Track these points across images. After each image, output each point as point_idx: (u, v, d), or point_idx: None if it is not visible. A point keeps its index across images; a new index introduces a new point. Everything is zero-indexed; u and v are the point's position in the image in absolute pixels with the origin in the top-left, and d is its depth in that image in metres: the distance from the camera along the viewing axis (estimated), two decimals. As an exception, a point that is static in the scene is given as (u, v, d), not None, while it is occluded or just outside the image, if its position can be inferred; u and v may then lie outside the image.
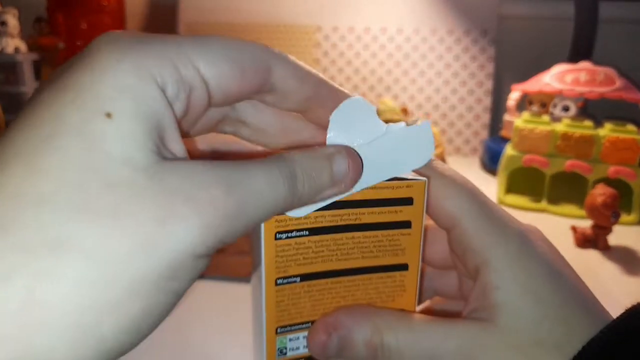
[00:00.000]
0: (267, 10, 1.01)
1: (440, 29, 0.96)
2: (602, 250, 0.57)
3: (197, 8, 1.04)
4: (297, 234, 0.19)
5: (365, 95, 0.99)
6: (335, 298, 0.21)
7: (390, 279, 0.21)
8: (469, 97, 0.95)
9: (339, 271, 0.21)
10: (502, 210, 0.20)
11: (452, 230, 0.20)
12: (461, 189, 0.20)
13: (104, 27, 0.93)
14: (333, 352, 0.19)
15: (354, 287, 0.21)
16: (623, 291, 0.48)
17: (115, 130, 0.13)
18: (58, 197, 0.12)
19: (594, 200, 0.55)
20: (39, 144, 0.13)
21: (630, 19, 0.95)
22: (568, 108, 0.77)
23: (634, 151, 0.64)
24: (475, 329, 0.18)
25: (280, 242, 0.19)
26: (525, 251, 0.19)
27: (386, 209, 0.20)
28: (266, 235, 0.19)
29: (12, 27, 0.92)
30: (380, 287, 0.21)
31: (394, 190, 0.20)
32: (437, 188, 0.20)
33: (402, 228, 0.20)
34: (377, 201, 0.20)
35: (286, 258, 0.19)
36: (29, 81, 0.93)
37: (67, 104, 0.13)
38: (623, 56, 0.95)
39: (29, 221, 0.12)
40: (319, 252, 0.20)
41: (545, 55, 0.95)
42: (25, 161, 0.12)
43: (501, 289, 0.18)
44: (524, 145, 0.68)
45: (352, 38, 0.99)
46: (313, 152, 0.17)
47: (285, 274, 0.20)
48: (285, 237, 0.19)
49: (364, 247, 0.20)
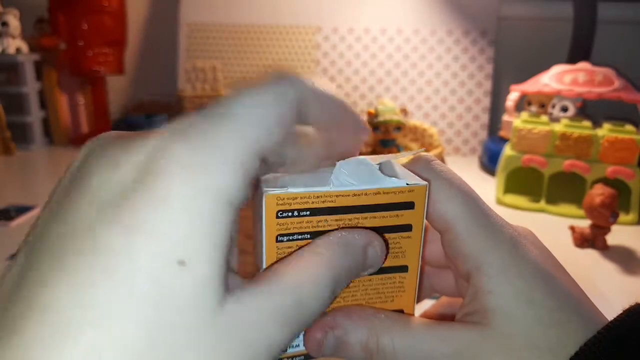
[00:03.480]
0: (267, 11, 1.02)
1: (440, 29, 0.96)
2: (601, 250, 0.57)
3: (197, 8, 1.04)
4: (299, 237, 0.19)
5: (364, 95, 0.99)
6: (335, 299, 0.21)
7: (390, 280, 0.21)
8: (468, 98, 0.96)
9: None
10: (495, 215, 0.20)
11: (444, 233, 0.20)
12: (456, 192, 0.20)
13: (105, 28, 0.94)
14: (328, 350, 0.19)
15: (354, 288, 0.21)
16: (621, 291, 0.48)
17: (186, 279, 0.13)
18: (135, 348, 0.12)
19: (593, 200, 0.55)
20: (115, 290, 0.12)
21: (629, 19, 0.95)
22: (567, 108, 0.77)
23: (633, 151, 0.65)
24: (471, 333, 0.18)
25: (281, 245, 0.19)
26: (517, 256, 0.19)
27: (387, 214, 0.20)
28: (267, 237, 0.19)
29: (13, 28, 0.92)
30: (380, 288, 0.21)
31: (396, 195, 0.20)
32: (433, 191, 0.20)
33: (403, 231, 0.21)
34: (378, 206, 0.20)
35: None
36: (31, 81, 0.93)
37: (141, 249, 0.12)
38: (621, 57, 0.95)
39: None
40: None
41: (544, 55, 0.95)
42: (93, 330, 0.12)
43: (494, 294, 0.18)
44: (522, 145, 0.69)
45: (352, 39, 0.99)
46: (350, 246, 0.18)
47: None
48: (286, 240, 0.19)
49: None
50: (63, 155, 0.93)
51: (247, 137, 0.14)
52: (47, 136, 0.99)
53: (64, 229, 0.13)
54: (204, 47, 1.04)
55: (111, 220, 0.13)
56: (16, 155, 0.90)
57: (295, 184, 0.18)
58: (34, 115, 0.94)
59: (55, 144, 0.98)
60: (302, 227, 0.19)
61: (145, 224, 0.12)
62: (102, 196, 0.13)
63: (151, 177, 0.13)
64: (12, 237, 0.55)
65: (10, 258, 0.52)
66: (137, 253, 0.12)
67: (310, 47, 1.00)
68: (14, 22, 0.93)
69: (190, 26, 1.05)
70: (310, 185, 0.19)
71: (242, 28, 1.03)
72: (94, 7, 0.92)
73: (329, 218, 0.19)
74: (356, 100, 0.99)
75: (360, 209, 0.20)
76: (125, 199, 0.13)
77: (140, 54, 1.16)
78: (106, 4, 0.92)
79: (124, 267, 0.12)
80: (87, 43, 0.93)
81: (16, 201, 0.66)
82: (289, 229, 0.19)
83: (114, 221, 0.13)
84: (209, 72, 0.92)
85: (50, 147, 0.98)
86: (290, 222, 0.19)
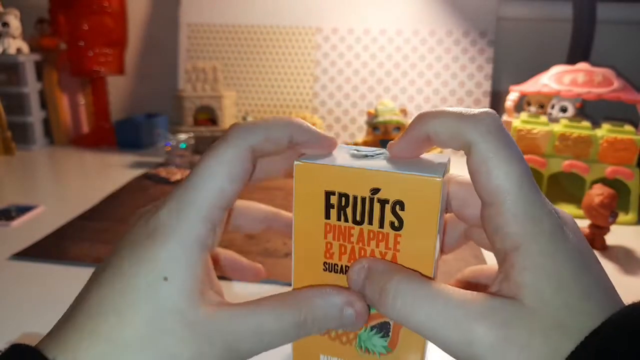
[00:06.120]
0: (267, 12, 1.02)
1: (439, 30, 0.96)
2: (600, 250, 0.57)
3: (197, 9, 1.04)
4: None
5: (364, 96, 0.99)
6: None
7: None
8: (467, 98, 0.96)
9: None
10: (542, 198, 0.20)
11: (488, 207, 0.20)
12: (514, 168, 0.20)
13: (105, 28, 0.94)
14: (360, 277, 0.22)
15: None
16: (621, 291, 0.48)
17: (170, 289, 0.20)
18: (134, 342, 0.19)
19: (592, 200, 0.55)
20: (125, 304, 0.20)
21: (628, 20, 0.95)
22: (566, 109, 0.77)
23: (632, 151, 0.65)
24: (502, 302, 0.19)
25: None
26: (557, 243, 0.19)
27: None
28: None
29: (14, 28, 0.93)
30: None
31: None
32: (491, 159, 0.20)
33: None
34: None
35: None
36: (31, 82, 0.94)
37: (141, 275, 0.20)
38: (621, 57, 0.95)
39: (114, 358, 0.19)
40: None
41: (544, 56, 0.95)
42: (119, 315, 0.19)
43: (529, 271, 0.19)
44: (522, 145, 0.69)
45: (352, 39, 0.99)
46: (325, 301, 0.21)
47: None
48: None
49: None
50: (64, 155, 0.93)
51: (204, 199, 0.21)
52: (48, 136, 0.99)
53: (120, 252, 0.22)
54: (204, 48, 1.04)
55: (130, 256, 0.21)
56: (17, 155, 0.91)
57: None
58: (34, 116, 0.94)
59: (55, 144, 0.99)
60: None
61: (143, 258, 0.21)
62: (131, 241, 0.22)
63: (151, 236, 0.21)
64: (13, 236, 0.56)
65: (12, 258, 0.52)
66: (139, 276, 0.20)
67: (310, 47, 1.01)
68: (15, 22, 0.93)
69: (191, 26, 1.05)
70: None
71: (242, 28, 1.03)
72: (94, 7, 0.92)
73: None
74: (356, 101, 0.99)
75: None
76: (138, 245, 0.21)
77: (141, 55, 1.16)
78: (107, 5, 0.93)
79: (137, 278, 0.20)
80: (87, 43, 0.93)
81: (17, 201, 0.67)
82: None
83: (131, 252, 0.21)
84: (209, 72, 0.93)
85: (50, 147, 0.98)
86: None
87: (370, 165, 0.22)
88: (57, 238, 0.55)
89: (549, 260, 0.19)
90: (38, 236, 0.55)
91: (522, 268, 0.19)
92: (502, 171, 0.20)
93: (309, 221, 0.24)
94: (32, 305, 0.43)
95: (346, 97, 1.00)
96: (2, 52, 0.92)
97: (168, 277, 0.20)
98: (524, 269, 0.19)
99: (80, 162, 0.89)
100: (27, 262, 0.50)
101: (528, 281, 0.19)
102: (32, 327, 0.39)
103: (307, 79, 1.01)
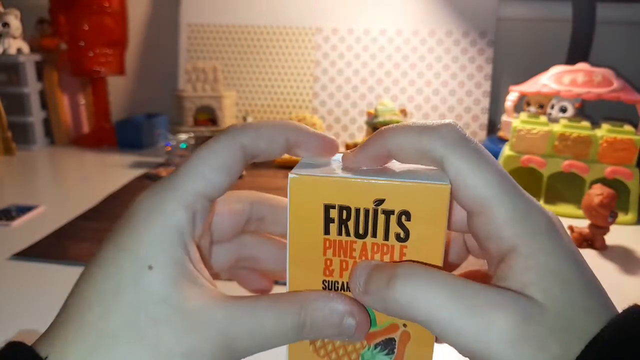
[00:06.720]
0: (267, 12, 1.02)
1: (439, 30, 0.96)
2: (600, 250, 0.57)
3: (197, 9, 1.04)
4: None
5: (364, 96, 0.99)
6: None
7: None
8: (467, 98, 0.96)
9: None
10: (531, 199, 0.20)
11: (477, 215, 0.20)
12: (492, 173, 0.20)
13: (106, 28, 0.94)
14: (367, 270, 0.21)
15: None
16: (620, 291, 0.48)
17: (155, 277, 0.20)
18: (121, 331, 0.19)
19: (591, 200, 0.55)
20: (108, 293, 0.19)
21: (627, 20, 0.95)
22: (565, 109, 0.77)
23: (631, 151, 0.65)
24: (526, 301, 0.18)
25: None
26: (553, 240, 0.19)
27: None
28: None
29: (14, 28, 0.93)
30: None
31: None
32: (467, 170, 0.20)
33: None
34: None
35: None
36: (32, 82, 0.94)
37: (125, 263, 0.20)
38: (620, 57, 0.95)
39: (103, 349, 0.19)
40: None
41: (543, 56, 0.95)
42: (103, 304, 0.19)
43: (533, 270, 0.19)
44: (521, 145, 0.69)
45: (352, 40, 0.99)
46: (327, 306, 0.21)
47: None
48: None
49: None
50: (64, 155, 0.93)
51: (184, 185, 0.21)
52: (48, 136, 0.99)
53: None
54: (205, 48, 1.04)
55: (114, 246, 0.21)
56: (17, 155, 0.91)
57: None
58: (35, 116, 0.95)
59: (56, 144, 0.99)
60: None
61: (127, 247, 0.20)
62: (114, 231, 0.21)
63: (131, 223, 0.21)
64: (13, 236, 0.56)
65: (12, 258, 0.52)
66: (124, 264, 0.20)
67: (310, 47, 1.01)
68: (15, 22, 0.93)
69: (191, 27, 1.05)
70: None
71: (243, 29, 1.03)
72: (94, 7, 0.92)
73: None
74: (356, 101, 1.00)
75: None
76: (120, 234, 0.21)
77: (141, 55, 1.16)
78: (107, 5, 0.93)
79: (121, 267, 0.20)
80: (88, 44, 0.93)
81: (17, 201, 0.67)
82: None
83: (113, 243, 0.21)
84: (210, 72, 0.93)
85: (51, 147, 0.98)
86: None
87: (372, 176, 0.21)
88: (58, 238, 0.56)
89: (550, 258, 0.19)
90: (38, 236, 0.56)
91: (525, 267, 0.19)
92: (482, 180, 0.20)
93: (306, 238, 0.22)
94: (32, 305, 0.43)
95: (346, 97, 1.00)
96: (2, 52, 0.92)
97: (152, 265, 0.20)
98: (526, 268, 0.19)
99: (80, 162, 0.90)
100: (28, 262, 0.50)
101: (534, 279, 0.19)
102: (32, 327, 0.39)
103: (307, 79, 1.01)
